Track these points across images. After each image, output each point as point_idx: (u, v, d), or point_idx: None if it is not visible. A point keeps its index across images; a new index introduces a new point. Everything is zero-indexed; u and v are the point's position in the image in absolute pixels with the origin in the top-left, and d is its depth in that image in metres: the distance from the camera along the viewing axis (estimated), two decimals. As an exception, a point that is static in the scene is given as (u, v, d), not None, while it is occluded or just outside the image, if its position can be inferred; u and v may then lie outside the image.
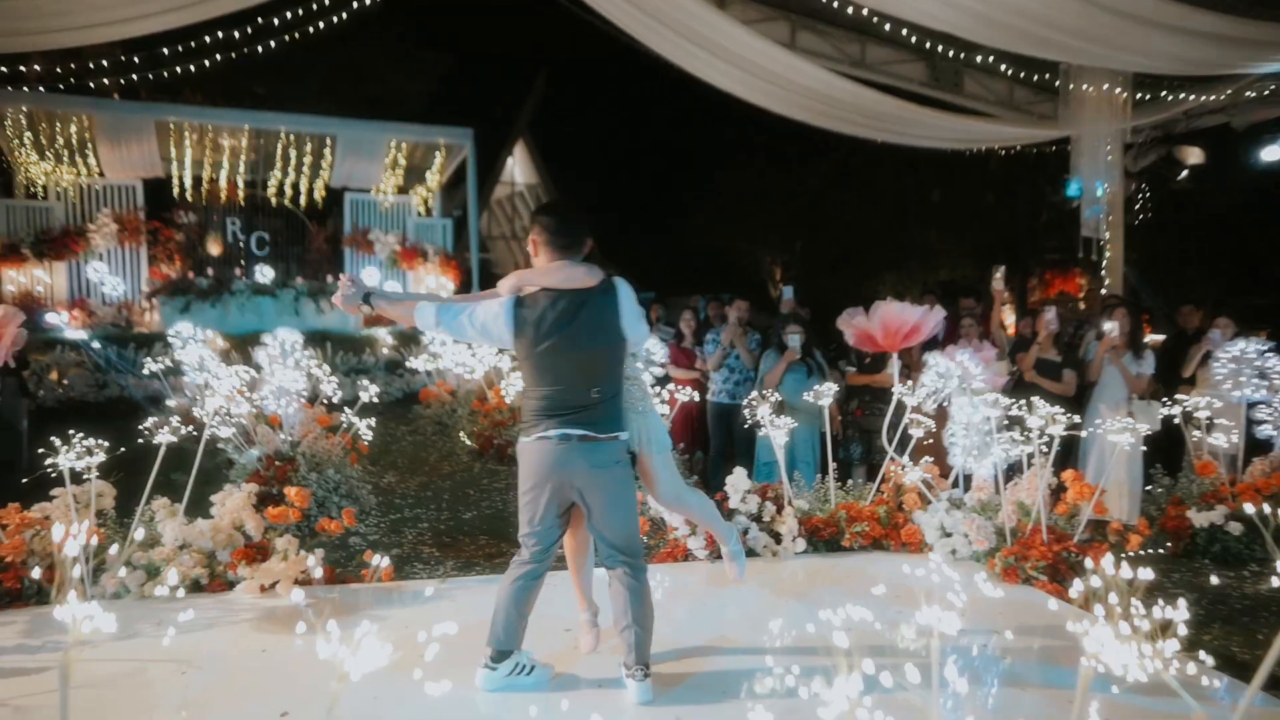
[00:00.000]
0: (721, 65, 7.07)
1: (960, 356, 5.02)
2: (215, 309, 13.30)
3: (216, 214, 15.05)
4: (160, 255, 14.17)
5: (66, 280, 13.50)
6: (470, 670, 3.25)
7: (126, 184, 14.09)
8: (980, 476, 4.98)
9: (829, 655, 3.23)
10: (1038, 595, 4.27)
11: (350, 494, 6.27)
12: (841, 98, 7.43)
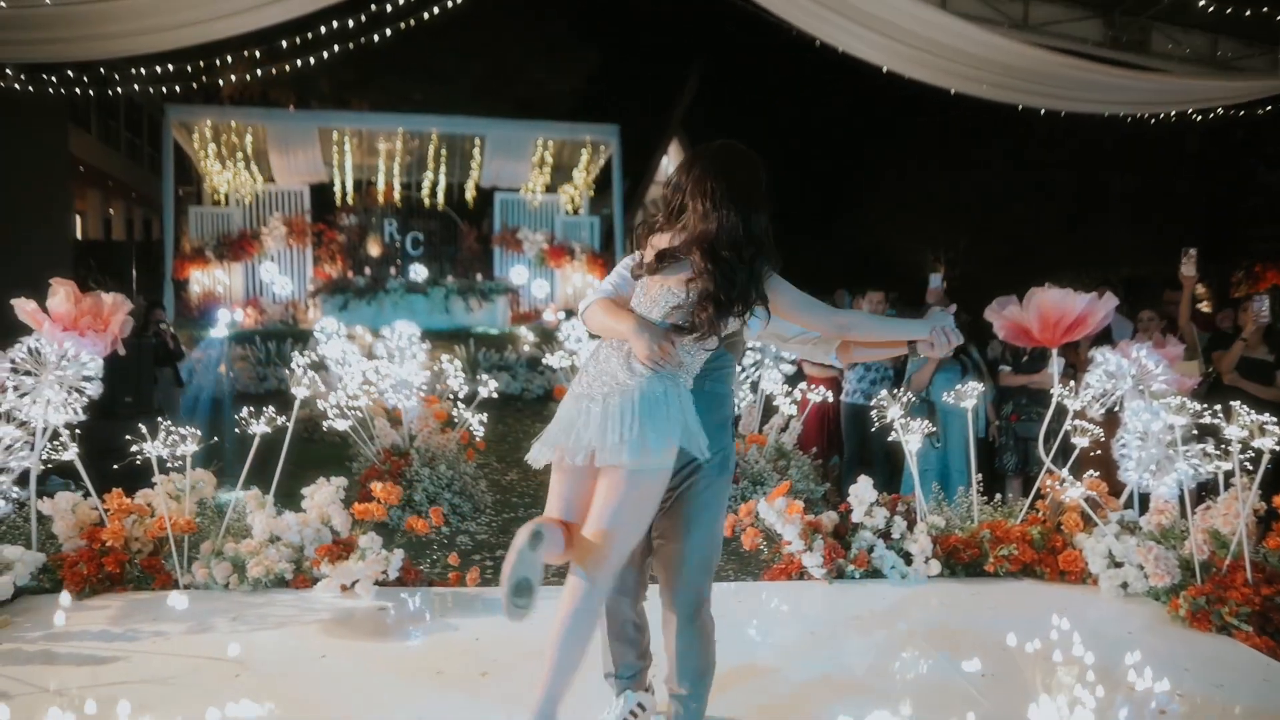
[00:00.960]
0: (860, 30, 6.42)
1: (1136, 352, 4.21)
2: (371, 306, 13.89)
3: (375, 216, 15.76)
4: (323, 256, 14.99)
5: (242, 280, 14.52)
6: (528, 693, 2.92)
7: (294, 189, 15.00)
8: (1160, 496, 4.15)
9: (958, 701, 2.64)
10: (1238, 650, 3.43)
11: (463, 490, 6.16)
12: (1000, 58, 6.54)
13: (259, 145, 14.78)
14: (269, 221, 14.59)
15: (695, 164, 2.40)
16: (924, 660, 3.35)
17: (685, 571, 2.46)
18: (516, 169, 15.95)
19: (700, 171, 2.36)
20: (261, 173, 15.08)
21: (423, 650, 3.33)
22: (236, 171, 14.92)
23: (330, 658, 3.19)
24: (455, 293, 14.53)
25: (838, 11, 6.31)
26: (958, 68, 6.97)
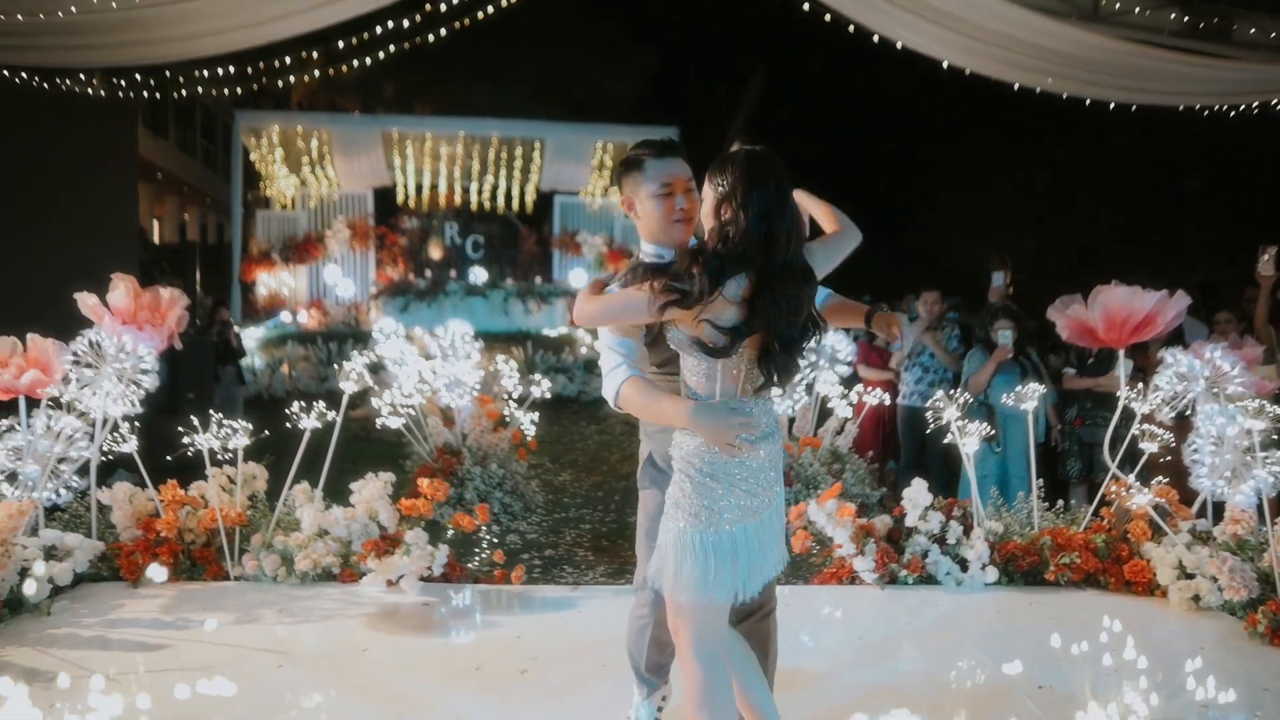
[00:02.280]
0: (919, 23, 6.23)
1: (1210, 353, 3.99)
2: (431, 309, 14.11)
3: (436, 219, 16.03)
4: (385, 258, 15.30)
5: (306, 282, 14.90)
6: (567, 690, 2.89)
7: (357, 193, 15.35)
8: (1237, 505, 3.92)
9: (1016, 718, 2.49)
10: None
11: (514, 490, 6.18)
12: (1065, 49, 6.27)
13: (324, 150, 15.15)
14: (333, 224, 14.95)
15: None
16: (979, 670, 3.21)
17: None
18: (576, 172, 16.04)
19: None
20: (326, 177, 15.46)
21: (464, 647, 3.34)
22: (302, 176, 15.33)
23: (372, 651, 3.20)
24: (514, 295, 14.69)
25: (895, 4, 6.17)
26: (1021, 59, 6.73)
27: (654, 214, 2.26)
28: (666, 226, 2.26)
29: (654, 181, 2.25)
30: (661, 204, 2.25)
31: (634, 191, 2.30)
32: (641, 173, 2.27)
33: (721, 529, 2.04)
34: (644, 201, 2.27)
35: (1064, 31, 6.21)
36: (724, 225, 2.05)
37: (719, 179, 2.09)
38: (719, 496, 2.05)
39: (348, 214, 15.20)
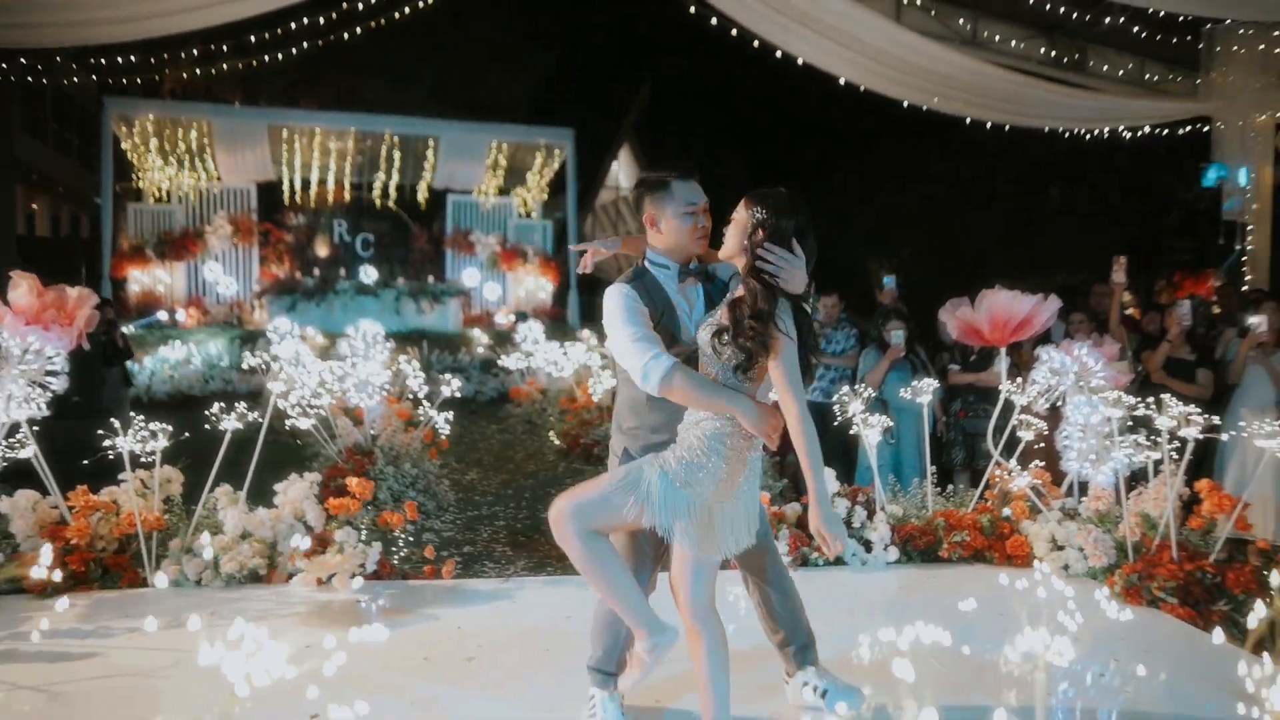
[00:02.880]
0: (820, 41, 6.66)
1: (1078, 350, 4.49)
2: (320, 308, 13.74)
3: (324, 216, 15.58)
4: (270, 256, 14.76)
5: (185, 280, 14.22)
6: (514, 676, 3.02)
7: (241, 187, 14.75)
8: (1098, 484, 4.43)
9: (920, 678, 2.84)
10: (1165, 620, 3.73)
11: (427, 489, 6.20)
12: (949, 72, 6.87)
13: (204, 141, 14.48)
14: (213, 220, 14.32)
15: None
16: (888, 639, 3.53)
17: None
18: (470, 171, 15.92)
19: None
20: (206, 170, 14.77)
21: (407, 639, 3.41)
22: (179, 168, 14.60)
23: (315, 647, 3.23)
24: (407, 295, 14.45)
25: (800, 23, 6.55)
26: (911, 80, 7.28)
27: (680, 231, 2.50)
28: (689, 244, 2.52)
29: (681, 202, 2.49)
30: (687, 223, 2.50)
31: (658, 209, 2.51)
32: (668, 193, 2.49)
33: (738, 496, 2.41)
34: (669, 220, 2.50)
35: (948, 56, 6.76)
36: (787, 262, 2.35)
37: (779, 217, 2.37)
38: (737, 473, 2.40)
39: (230, 209, 14.59)
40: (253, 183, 14.91)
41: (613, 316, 2.44)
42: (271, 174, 15.30)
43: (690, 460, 2.37)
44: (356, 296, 14.07)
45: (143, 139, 14.20)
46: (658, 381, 2.33)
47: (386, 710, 2.80)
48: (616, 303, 2.44)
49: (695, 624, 2.48)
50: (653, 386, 2.34)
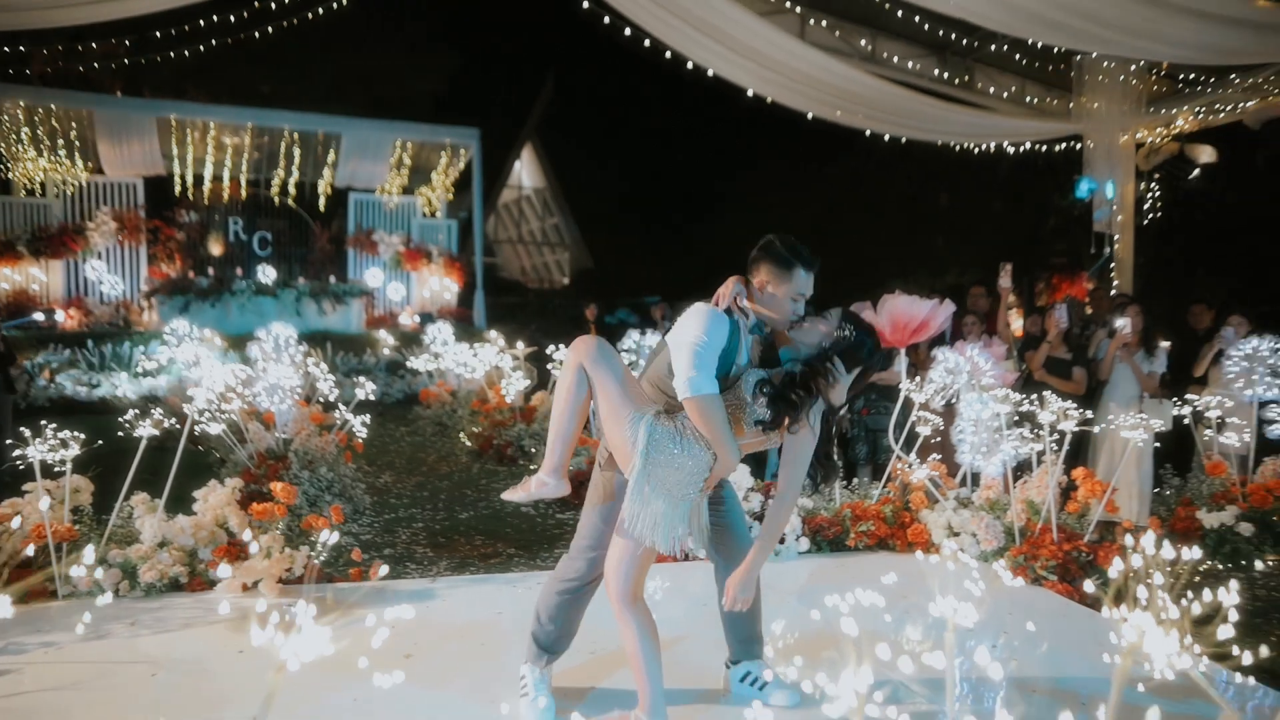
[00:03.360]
0: (730, 55, 6.95)
1: (970, 351, 4.87)
2: (215, 309, 13.24)
3: (219, 213, 15.01)
4: (160, 254, 14.11)
5: (63, 279, 13.44)
6: (453, 669, 3.12)
7: (127, 181, 14.05)
8: (989, 474, 4.83)
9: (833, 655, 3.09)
10: (1047, 596, 4.12)
11: (343, 493, 6.14)
12: (851, 88, 7.29)
13: (86, 132, 13.72)
14: (95, 216, 13.59)
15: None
16: (803, 622, 3.78)
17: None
18: (373, 169, 15.61)
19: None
20: (86, 162, 14.00)
21: (341, 640, 3.42)
22: (56, 160, 13.78)
23: (248, 652, 3.23)
24: (308, 295, 14.07)
25: (712, 38, 6.80)
26: (815, 94, 7.65)
27: (781, 310, 2.72)
28: (780, 322, 2.74)
29: (795, 289, 2.70)
30: (790, 307, 2.72)
31: (774, 282, 2.71)
32: (790, 276, 2.70)
33: (683, 503, 2.60)
34: (778, 298, 2.71)
35: (849, 73, 7.15)
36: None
37: (860, 351, 2.65)
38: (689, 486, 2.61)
39: (114, 204, 13.88)
40: (140, 177, 14.22)
41: (695, 324, 2.61)
42: (161, 168, 14.62)
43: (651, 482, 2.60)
44: (254, 297, 13.61)
45: (13, 127, 13.34)
46: (695, 393, 2.53)
47: (330, 708, 2.85)
48: (705, 318, 2.62)
49: (625, 612, 2.67)
50: (688, 393, 2.53)
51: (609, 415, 2.66)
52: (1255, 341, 5.71)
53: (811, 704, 2.97)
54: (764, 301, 2.73)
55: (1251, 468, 5.65)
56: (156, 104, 14.19)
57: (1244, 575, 4.83)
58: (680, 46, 7.19)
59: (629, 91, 21.17)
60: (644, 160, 25.73)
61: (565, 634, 2.90)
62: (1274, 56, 8.01)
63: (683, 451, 2.56)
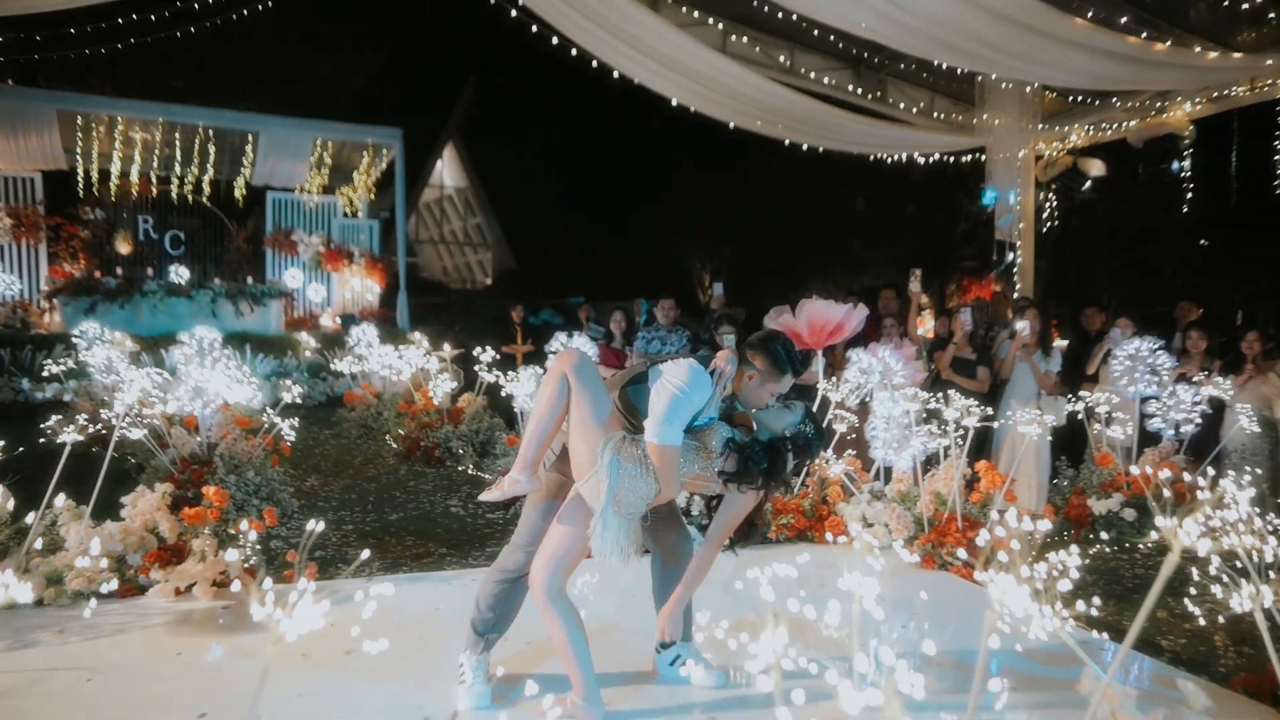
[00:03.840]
0: (654, 66, 7.16)
1: (882, 353, 5.17)
2: (125, 310, 12.79)
3: (126, 211, 14.48)
4: (62, 253, 13.54)
5: (-49, 277, 12.79)
6: (393, 663, 3.21)
7: (23, 176, 13.42)
8: (900, 468, 5.14)
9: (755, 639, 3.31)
10: (952, 580, 4.44)
11: (271, 496, 6.09)
12: (771, 101, 7.60)
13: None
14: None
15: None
16: (728, 610, 4.00)
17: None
18: (292, 168, 15.30)
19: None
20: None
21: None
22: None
23: (186, 655, 3.26)
24: (224, 296, 13.71)
25: (636, 49, 6.99)
26: (737, 105, 7.93)
27: (761, 398, 3.02)
28: (756, 404, 3.03)
29: (780, 388, 3.01)
30: (767, 399, 3.04)
31: (761, 376, 2.99)
32: (778, 376, 2.99)
33: (628, 520, 2.82)
34: (759, 389, 3.01)
35: (769, 86, 7.45)
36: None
37: (785, 373, 3.01)
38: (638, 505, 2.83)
39: (9, 200, 13.25)
40: (38, 171, 13.60)
41: (683, 379, 2.84)
42: (63, 163, 14.03)
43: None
44: (167, 298, 13.19)
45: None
46: (661, 442, 2.79)
47: (275, 704, 2.91)
48: (693, 377, 2.85)
49: (550, 605, 2.84)
50: (655, 440, 2.78)
51: (580, 427, 2.86)
52: (1137, 342, 6.21)
53: (735, 685, 3.17)
54: (749, 386, 3.01)
55: (1135, 458, 6.14)
56: (58, 95, 13.56)
57: (1127, 556, 5.28)
58: (607, 57, 7.37)
59: (552, 91, 21.24)
60: (567, 161, 25.82)
61: (503, 621, 3.05)
62: (1146, 85, 8.82)
63: (640, 477, 2.79)
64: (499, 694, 3.00)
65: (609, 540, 2.76)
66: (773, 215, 21.24)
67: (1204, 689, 2.51)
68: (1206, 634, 3.97)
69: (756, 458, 2.86)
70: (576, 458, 2.88)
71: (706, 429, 2.93)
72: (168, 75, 15.58)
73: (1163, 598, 4.32)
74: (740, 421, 3.04)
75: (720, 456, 2.88)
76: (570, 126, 24.80)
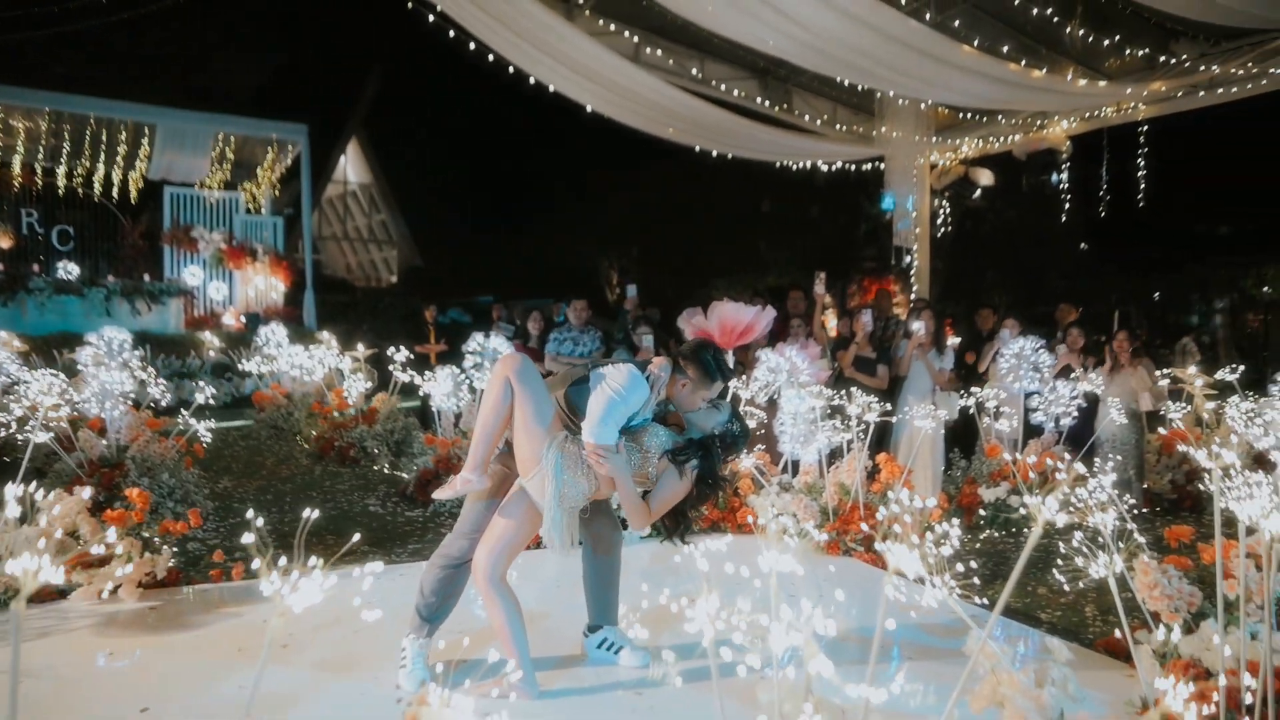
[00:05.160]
0: (569, 74, 7.35)
1: (789, 353, 5.49)
2: (8, 308, 12.19)
3: (8, 203, 13.75)
4: (-67, 247, 12.77)
5: None
6: (330, 654, 3.30)
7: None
8: (807, 461, 5.47)
9: (675, 623, 3.55)
10: (857, 565, 4.79)
11: (185, 499, 6.01)
12: (682, 111, 7.91)
13: None
14: None
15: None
16: (648, 597, 4.22)
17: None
18: (192, 163, 14.78)
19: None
20: None
21: (217, 635, 3.53)
22: None
23: (118, 654, 3.28)
24: (119, 294, 13.17)
25: (552, 57, 7.15)
26: (649, 113, 8.18)
27: (692, 402, 3.22)
28: (687, 408, 3.25)
29: (710, 394, 3.21)
30: (697, 403, 3.24)
31: (694, 384, 3.19)
32: (711, 385, 3.20)
33: (571, 511, 3.03)
34: (690, 394, 3.21)
35: (680, 96, 7.73)
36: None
37: (715, 381, 3.22)
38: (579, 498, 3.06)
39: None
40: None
41: (617, 382, 3.05)
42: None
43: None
44: (56, 295, 12.60)
45: None
46: (598, 441, 3.00)
47: (215, 696, 2.98)
48: (631, 382, 3.06)
49: (491, 591, 3.05)
50: (592, 439, 3.00)
51: (524, 427, 3.05)
52: (1021, 342, 6.75)
53: (659, 664, 3.40)
54: (682, 393, 3.24)
55: (1020, 449, 6.66)
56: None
57: (1014, 540, 5.76)
58: (523, 64, 7.51)
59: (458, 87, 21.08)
60: (475, 158, 25.65)
61: (445, 606, 3.20)
62: (1026, 106, 9.62)
63: (581, 474, 3.02)
64: (437, 677, 3.14)
65: (555, 531, 2.96)
66: (679, 215, 21.66)
67: (1070, 649, 2.87)
68: (1078, 606, 4.43)
69: (690, 456, 3.12)
70: (521, 455, 3.07)
71: (641, 429, 3.16)
72: (54, 62, 14.81)
73: (1039, 575, 4.79)
74: (673, 421, 3.29)
75: (655, 455, 3.12)
76: (476, 123, 24.65)
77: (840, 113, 11.87)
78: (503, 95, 16.65)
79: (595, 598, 3.52)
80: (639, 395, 3.09)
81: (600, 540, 3.47)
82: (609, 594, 3.52)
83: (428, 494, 6.38)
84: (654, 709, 3.03)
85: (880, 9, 6.75)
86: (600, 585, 3.50)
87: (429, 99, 24.70)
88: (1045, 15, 7.93)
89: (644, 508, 3.18)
